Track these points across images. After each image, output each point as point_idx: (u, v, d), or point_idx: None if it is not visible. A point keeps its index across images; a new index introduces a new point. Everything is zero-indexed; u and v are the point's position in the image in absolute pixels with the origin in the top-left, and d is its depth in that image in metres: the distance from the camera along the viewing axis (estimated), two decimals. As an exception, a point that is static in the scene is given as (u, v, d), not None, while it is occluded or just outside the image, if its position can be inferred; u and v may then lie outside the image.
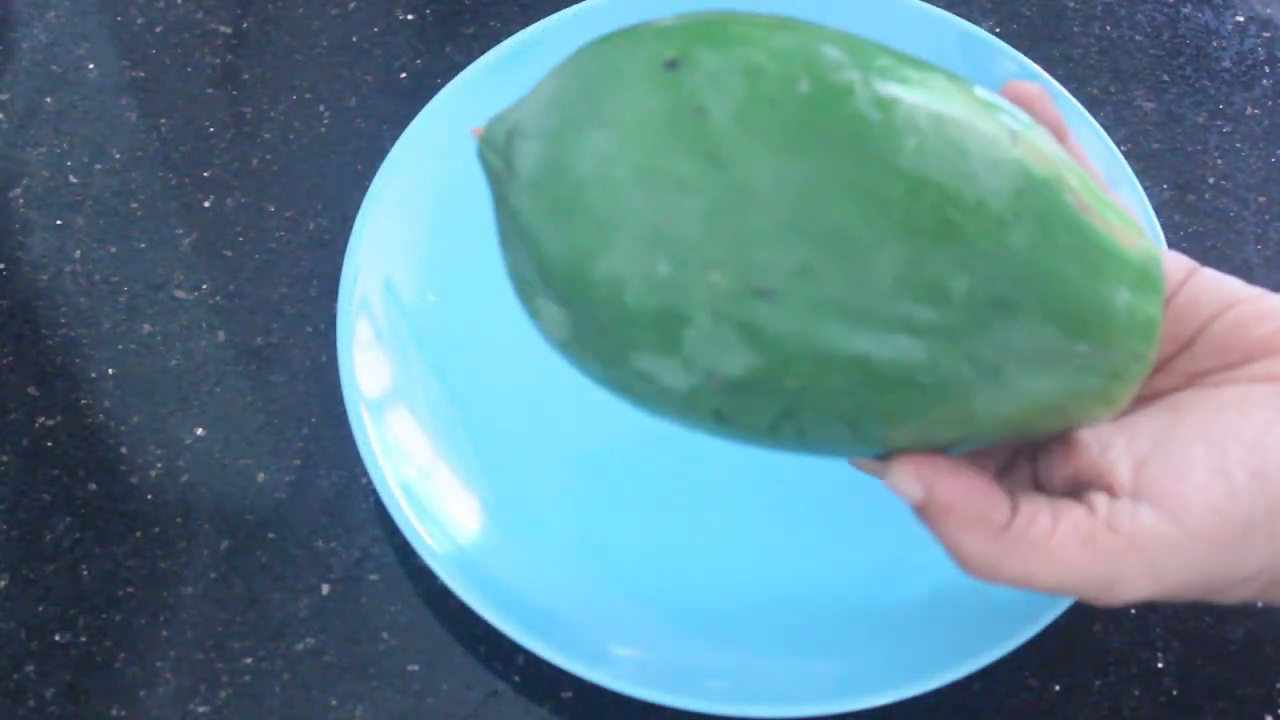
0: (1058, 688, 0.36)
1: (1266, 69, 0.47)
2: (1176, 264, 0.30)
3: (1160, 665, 0.36)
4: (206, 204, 0.44)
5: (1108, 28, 0.48)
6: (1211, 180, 0.45)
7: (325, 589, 0.38)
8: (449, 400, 0.39)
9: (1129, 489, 0.26)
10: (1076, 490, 0.27)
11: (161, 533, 0.38)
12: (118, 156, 0.45)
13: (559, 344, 0.27)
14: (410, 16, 0.49)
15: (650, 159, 0.24)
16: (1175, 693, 0.36)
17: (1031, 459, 0.30)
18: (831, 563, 0.37)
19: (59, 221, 0.44)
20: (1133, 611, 0.37)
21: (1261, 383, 0.27)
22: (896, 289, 0.24)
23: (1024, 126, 0.26)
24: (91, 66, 0.47)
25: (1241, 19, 0.49)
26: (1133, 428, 0.27)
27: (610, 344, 0.25)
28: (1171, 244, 0.43)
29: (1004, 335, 0.24)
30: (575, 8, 0.44)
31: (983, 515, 0.26)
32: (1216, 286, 0.29)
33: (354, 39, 0.48)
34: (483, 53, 0.44)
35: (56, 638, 0.37)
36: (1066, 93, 0.43)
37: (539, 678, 0.36)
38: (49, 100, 0.47)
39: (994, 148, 0.24)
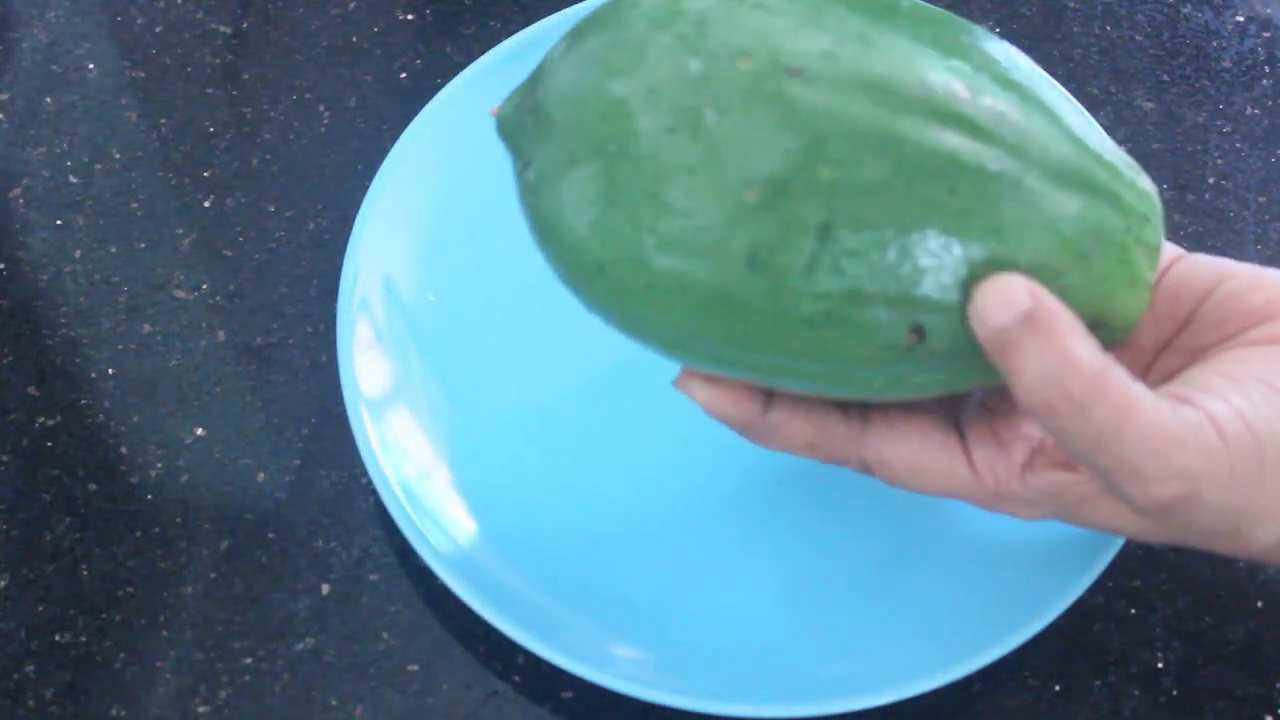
0: (1058, 688, 0.36)
1: (1266, 69, 0.47)
2: (1164, 249, 0.31)
3: (1160, 665, 0.36)
4: (206, 204, 0.44)
5: (1108, 28, 0.48)
6: (1211, 180, 0.45)
7: (325, 589, 0.38)
8: (449, 400, 0.39)
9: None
10: None
11: (161, 533, 0.38)
12: (118, 156, 0.45)
13: (584, 230, 0.26)
14: (410, 16, 0.49)
15: (673, 1, 0.26)
16: (1175, 693, 0.36)
17: None
18: (831, 563, 0.37)
19: (59, 221, 0.44)
20: (1132, 611, 0.37)
21: (1260, 345, 0.28)
22: (919, 77, 0.25)
23: None
24: (91, 66, 0.47)
25: (1241, 19, 0.49)
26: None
27: (644, 181, 0.25)
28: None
29: (1021, 140, 0.25)
30: (575, 8, 0.44)
31: (1083, 326, 0.25)
32: (1207, 264, 0.30)
33: (354, 39, 0.48)
34: (483, 53, 0.44)
35: (56, 638, 0.37)
36: (1066, 93, 0.43)
37: (539, 678, 0.36)
38: (49, 100, 0.47)
39: (978, 30, 0.27)
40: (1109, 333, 0.27)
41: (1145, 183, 0.27)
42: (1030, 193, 0.25)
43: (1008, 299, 0.25)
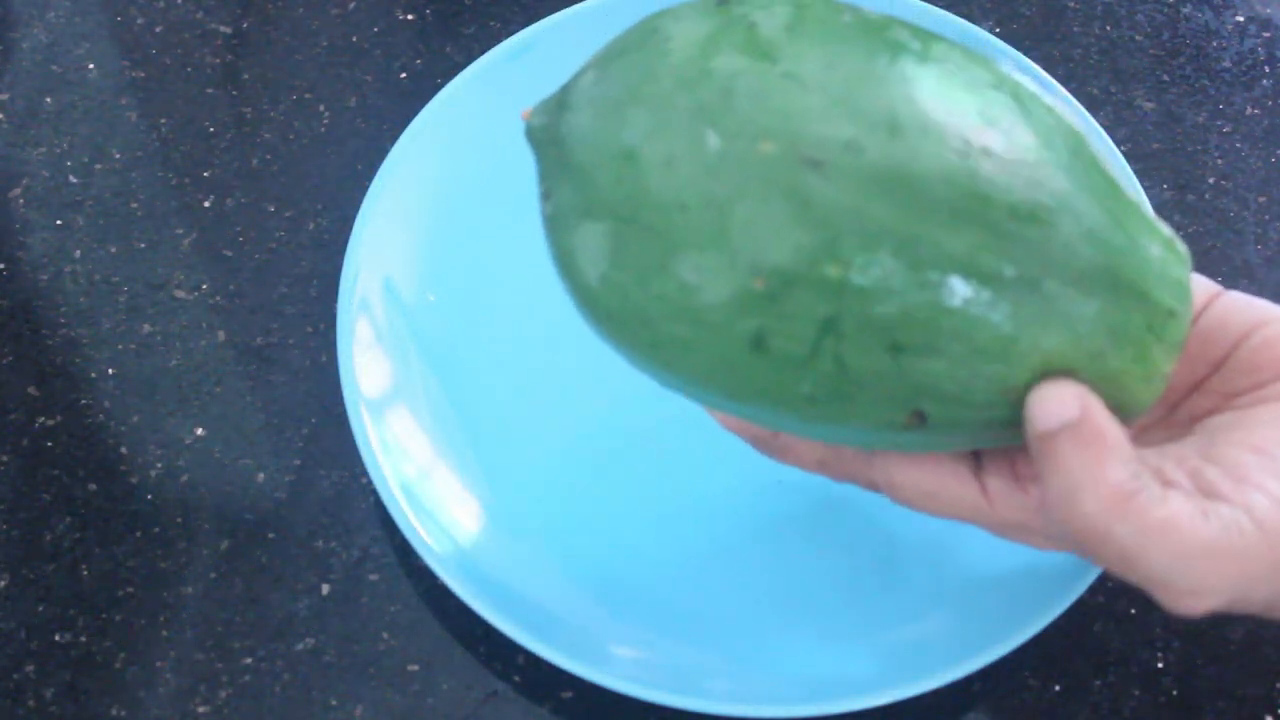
0: (1058, 688, 0.36)
1: (1266, 69, 0.47)
2: (1201, 286, 0.30)
3: (1160, 665, 0.36)
4: (206, 204, 0.44)
5: (1108, 28, 0.48)
6: (1211, 180, 0.45)
7: (325, 589, 0.38)
8: (449, 400, 0.39)
9: (1195, 492, 0.26)
10: None
11: (161, 533, 0.38)
12: (118, 156, 0.45)
13: (594, 282, 0.26)
14: (410, 16, 0.49)
15: (702, 58, 0.25)
16: (1175, 693, 0.36)
17: None
18: (831, 564, 0.37)
19: (59, 221, 0.44)
20: (1132, 611, 0.37)
21: None
22: (946, 169, 0.24)
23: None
24: (91, 66, 0.47)
25: (1241, 19, 0.49)
26: (1176, 452, 0.27)
27: (653, 250, 0.25)
28: (1171, 244, 0.43)
29: (1043, 244, 0.25)
30: (575, 8, 0.44)
31: (1127, 448, 0.25)
32: (1244, 307, 0.29)
33: (354, 39, 0.48)
34: (483, 53, 0.44)
35: (56, 638, 0.37)
36: (1066, 93, 0.43)
37: (539, 678, 0.36)
38: (49, 100, 0.47)
39: (1026, 93, 0.26)
40: (1117, 417, 0.27)
41: (1179, 270, 0.27)
42: (1046, 297, 0.25)
43: (1058, 406, 0.25)
